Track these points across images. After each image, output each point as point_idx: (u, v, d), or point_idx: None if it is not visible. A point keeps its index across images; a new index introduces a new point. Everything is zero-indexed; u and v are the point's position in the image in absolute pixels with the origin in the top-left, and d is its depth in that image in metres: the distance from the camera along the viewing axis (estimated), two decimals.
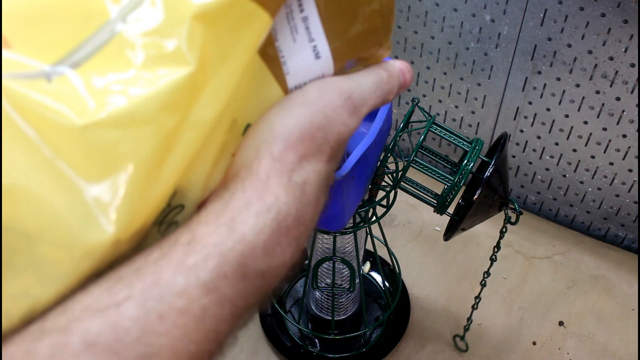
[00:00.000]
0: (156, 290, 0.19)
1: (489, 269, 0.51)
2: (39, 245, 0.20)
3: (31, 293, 0.20)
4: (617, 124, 0.62)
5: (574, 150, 0.68)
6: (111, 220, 0.20)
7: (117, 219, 0.20)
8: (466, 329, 0.56)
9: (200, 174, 0.24)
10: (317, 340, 0.60)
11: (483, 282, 0.52)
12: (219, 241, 0.21)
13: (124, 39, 0.21)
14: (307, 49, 0.25)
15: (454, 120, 0.76)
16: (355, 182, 0.37)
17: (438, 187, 0.44)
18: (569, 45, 0.60)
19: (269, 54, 0.24)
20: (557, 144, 0.68)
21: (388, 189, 0.46)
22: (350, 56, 0.26)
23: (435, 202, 0.44)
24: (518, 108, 0.69)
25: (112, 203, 0.20)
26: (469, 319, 0.55)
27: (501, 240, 0.48)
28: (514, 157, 0.73)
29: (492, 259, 0.50)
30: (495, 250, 0.49)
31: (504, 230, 0.47)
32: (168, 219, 0.24)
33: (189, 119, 0.22)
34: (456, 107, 0.74)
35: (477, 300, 0.53)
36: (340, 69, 0.26)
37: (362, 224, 0.48)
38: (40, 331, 0.18)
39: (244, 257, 0.21)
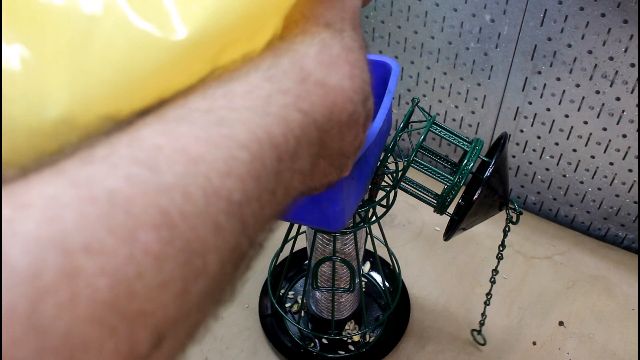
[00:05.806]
0: (215, 78, 0.20)
1: (496, 266, 0.51)
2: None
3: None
4: (617, 124, 0.62)
5: (574, 150, 0.68)
6: (190, 23, 0.21)
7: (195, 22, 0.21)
8: (482, 323, 0.57)
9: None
10: (317, 340, 0.60)
11: (492, 279, 0.52)
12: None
13: None
14: None
15: (454, 120, 0.76)
16: (355, 182, 0.37)
17: (438, 187, 0.44)
18: (569, 45, 0.60)
19: None
20: (557, 144, 0.68)
21: (388, 189, 0.46)
22: None
23: (435, 202, 0.44)
24: (518, 108, 0.69)
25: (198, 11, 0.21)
26: (483, 314, 0.56)
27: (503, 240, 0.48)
28: (514, 157, 0.73)
29: (499, 257, 0.50)
30: (501, 249, 0.49)
31: (507, 229, 0.47)
32: None
33: None
34: (456, 107, 0.74)
35: (489, 297, 0.54)
36: None
37: (362, 224, 0.48)
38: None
39: (298, 58, 0.22)
